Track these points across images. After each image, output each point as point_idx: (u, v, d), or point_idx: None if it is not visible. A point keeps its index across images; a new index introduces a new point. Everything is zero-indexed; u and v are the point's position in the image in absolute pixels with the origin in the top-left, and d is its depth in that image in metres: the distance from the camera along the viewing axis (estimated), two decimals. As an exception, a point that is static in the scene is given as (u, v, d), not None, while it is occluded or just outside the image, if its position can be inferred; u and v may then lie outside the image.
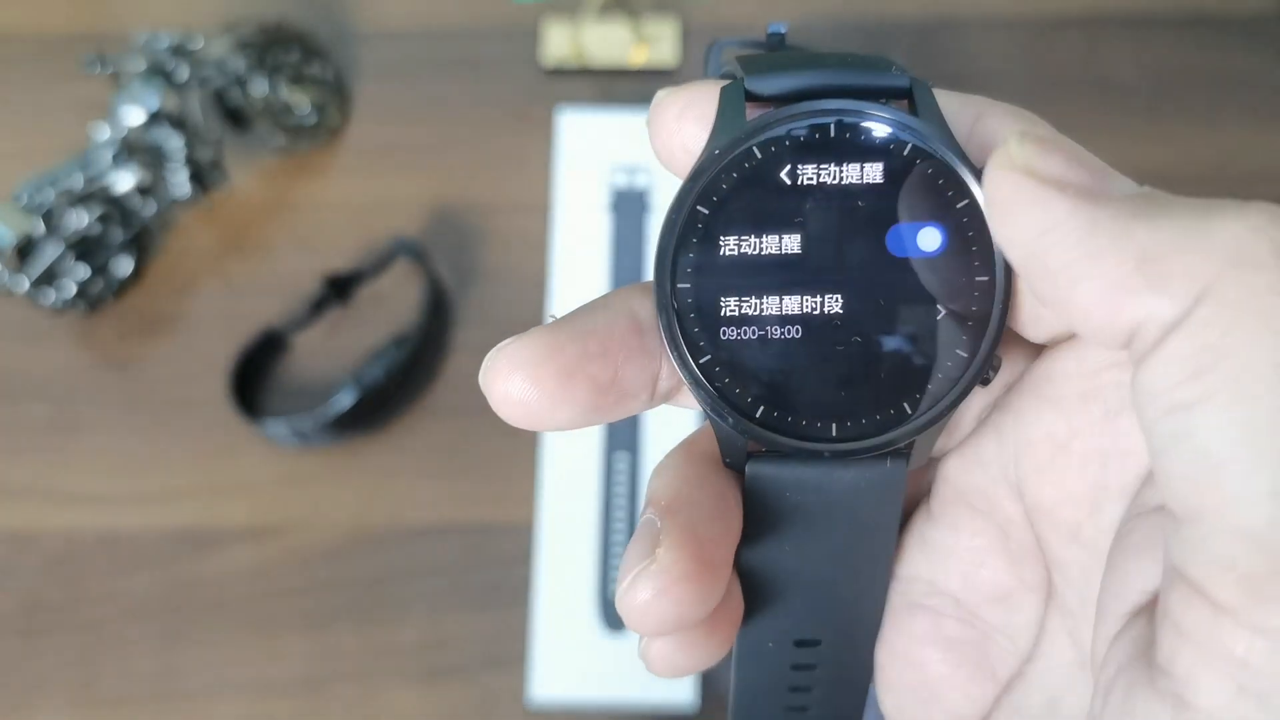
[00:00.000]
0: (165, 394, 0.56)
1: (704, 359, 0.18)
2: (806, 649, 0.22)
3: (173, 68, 0.55)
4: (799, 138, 0.18)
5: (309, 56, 0.59)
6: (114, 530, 0.53)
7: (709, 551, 0.18)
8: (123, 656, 0.51)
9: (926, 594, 0.21)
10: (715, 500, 0.19)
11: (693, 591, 0.18)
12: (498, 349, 0.18)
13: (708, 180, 0.18)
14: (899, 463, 0.19)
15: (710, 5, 0.62)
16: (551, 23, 0.61)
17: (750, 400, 0.18)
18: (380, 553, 0.52)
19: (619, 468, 0.52)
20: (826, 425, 0.19)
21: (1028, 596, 0.20)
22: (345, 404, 0.52)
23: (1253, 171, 0.58)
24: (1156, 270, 0.15)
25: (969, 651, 0.21)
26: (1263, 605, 0.14)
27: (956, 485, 0.21)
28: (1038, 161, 0.16)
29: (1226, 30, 0.60)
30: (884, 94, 0.18)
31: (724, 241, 0.18)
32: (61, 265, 0.54)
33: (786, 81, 0.18)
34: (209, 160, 0.57)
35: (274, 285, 0.57)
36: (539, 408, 0.18)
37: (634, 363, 0.19)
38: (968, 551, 0.20)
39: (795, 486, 0.19)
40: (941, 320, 0.18)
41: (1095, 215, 0.16)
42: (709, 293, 0.18)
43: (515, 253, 0.57)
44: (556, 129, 0.57)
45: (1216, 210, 0.15)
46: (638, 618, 0.18)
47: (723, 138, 0.18)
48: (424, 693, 0.50)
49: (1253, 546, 0.14)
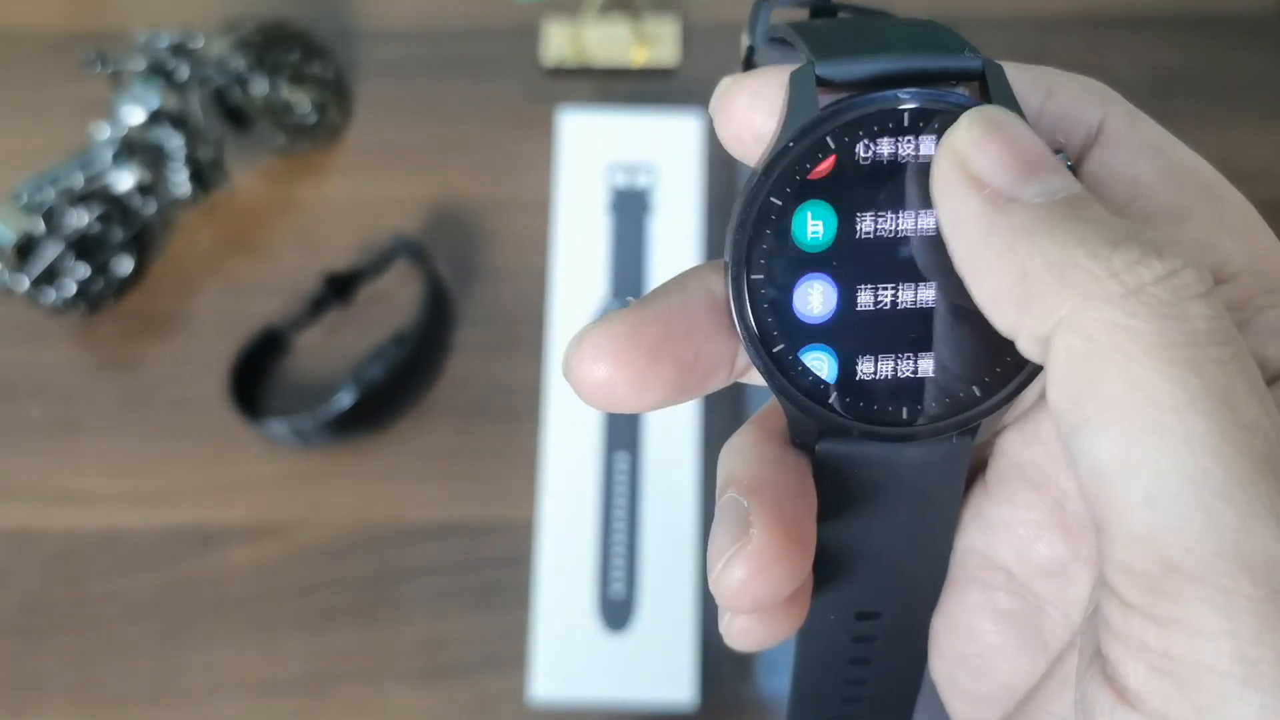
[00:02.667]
0: (165, 394, 0.56)
1: (777, 348, 0.18)
2: (867, 621, 0.22)
3: (173, 67, 0.55)
4: (874, 128, 0.18)
5: (309, 56, 0.59)
6: (114, 530, 0.53)
7: (796, 529, 0.19)
8: (123, 656, 0.51)
9: (981, 566, 0.21)
10: (794, 478, 0.19)
11: (786, 569, 0.18)
12: (580, 334, 0.18)
13: (782, 171, 0.18)
14: (964, 439, 0.19)
15: (711, 5, 0.62)
16: (552, 22, 0.61)
17: (822, 387, 0.19)
18: (380, 553, 0.52)
19: (619, 467, 0.52)
20: (898, 410, 0.19)
21: (1081, 571, 0.20)
22: (345, 404, 0.52)
23: (1253, 171, 0.58)
24: (1026, 290, 0.16)
25: (1021, 623, 0.21)
26: (1159, 599, 0.15)
27: (1014, 459, 0.21)
28: (973, 151, 0.17)
29: (1226, 30, 0.60)
30: (958, 76, 0.18)
31: (796, 231, 0.18)
32: (62, 264, 0.54)
33: (859, 68, 0.18)
34: (209, 159, 0.57)
35: (274, 285, 0.57)
36: (625, 390, 0.18)
37: (714, 341, 0.19)
38: (1022, 525, 0.21)
39: (863, 464, 0.20)
40: None
41: (995, 223, 0.17)
42: (781, 282, 0.18)
43: (515, 252, 0.57)
44: (557, 129, 0.57)
45: (1089, 244, 0.16)
46: (733, 598, 0.19)
47: (795, 127, 0.18)
48: (424, 693, 0.50)
49: (1142, 550, 0.15)
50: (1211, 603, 0.15)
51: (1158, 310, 0.15)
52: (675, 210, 0.56)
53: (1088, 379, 0.16)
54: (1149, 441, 0.15)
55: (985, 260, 0.17)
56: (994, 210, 0.17)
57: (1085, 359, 0.16)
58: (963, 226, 0.17)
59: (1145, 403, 0.15)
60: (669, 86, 0.60)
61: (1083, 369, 0.16)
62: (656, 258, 0.55)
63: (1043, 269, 0.16)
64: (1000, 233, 0.16)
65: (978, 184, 0.17)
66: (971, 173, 0.17)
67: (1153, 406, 0.15)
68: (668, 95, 0.60)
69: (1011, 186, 0.17)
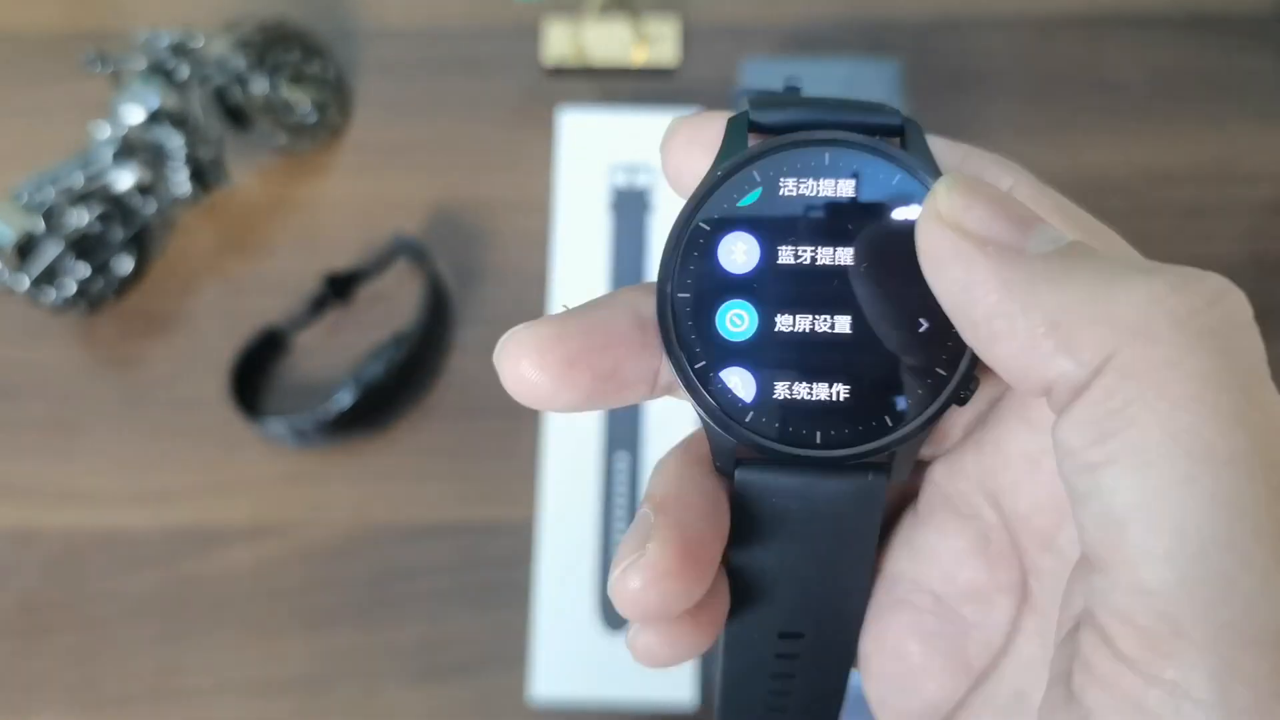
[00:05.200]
0: (165, 393, 0.56)
1: (699, 364, 0.20)
2: (790, 640, 0.23)
3: (173, 66, 0.55)
4: (795, 163, 0.19)
5: (310, 55, 0.59)
6: (114, 529, 0.53)
7: (695, 549, 0.19)
8: (123, 656, 0.51)
9: (910, 590, 0.22)
10: (706, 501, 0.20)
11: (678, 585, 0.19)
12: (510, 333, 0.19)
13: (709, 199, 0.20)
14: (879, 477, 0.20)
15: (711, 5, 0.62)
16: (552, 22, 0.61)
17: (740, 406, 0.20)
18: (380, 553, 0.52)
19: (619, 467, 0.52)
20: (811, 433, 0.20)
21: (1002, 597, 0.21)
22: (345, 403, 0.52)
23: (1253, 171, 0.58)
24: (1064, 336, 0.16)
25: (947, 645, 0.22)
26: (1159, 659, 0.15)
27: (942, 490, 0.22)
28: (962, 214, 0.17)
29: (1226, 30, 0.60)
30: (878, 130, 0.20)
31: (722, 256, 0.20)
32: (62, 264, 0.54)
33: (788, 115, 0.20)
34: (209, 159, 0.57)
35: (274, 284, 0.57)
36: (544, 390, 0.19)
37: (635, 357, 0.20)
38: (949, 552, 0.22)
39: (780, 494, 0.20)
40: (923, 338, 0.19)
41: (1010, 277, 0.17)
42: (706, 303, 0.20)
43: (516, 252, 0.57)
44: (557, 128, 0.57)
45: (1122, 278, 0.16)
46: (626, 605, 0.19)
47: (725, 160, 0.20)
48: (424, 692, 0.50)
49: (1150, 604, 0.15)
50: (1212, 673, 0.14)
51: (1210, 345, 0.15)
52: (675, 210, 0.55)
53: (1123, 420, 0.15)
54: (1177, 495, 0.15)
55: (1008, 316, 0.16)
56: (1006, 265, 0.17)
57: (1124, 399, 0.15)
58: (975, 289, 0.17)
59: (1182, 454, 0.15)
60: (669, 86, 0.60)
61: (1118, 409, 0.15)
62: (656, 257, 0.55)
63: (1079, 311, 0.16)
64: (1019, 286, 0.16)
65: (979, 243, 0.17)
66: (970, 234, 0.17)
67: (1188, 459, 0.15)
68: (668, 95, 0.60)
69: (1015, 239, 0.17)
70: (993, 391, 0.21)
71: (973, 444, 0.21)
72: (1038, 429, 0.20)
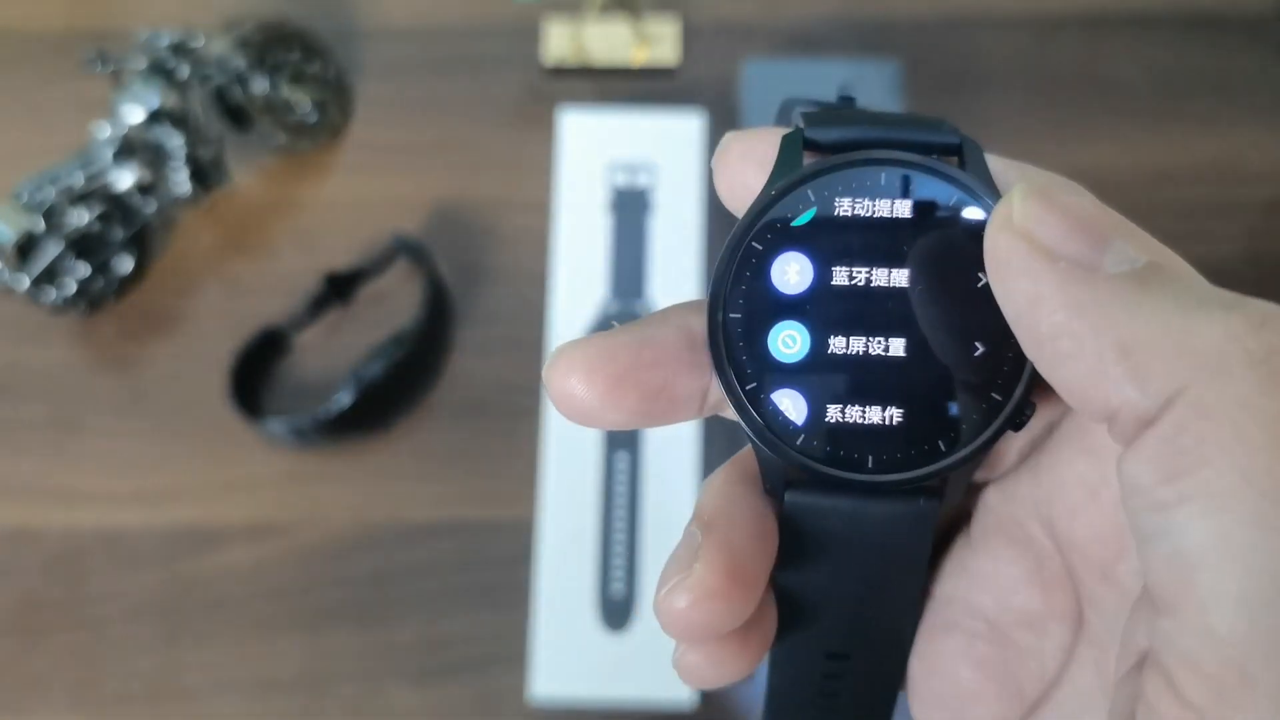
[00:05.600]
0: (165, 393, 0.56)
1: (750, 385, 0.19)
2: (837, 660, 0.22)
3: (173, 66, 0.55)
4: (850, 182, 0.19)
5: (310, 55, 0.59)
6: (114, 529, 0.53)
7: (742, 569, 0.19)
8: (123, 655, 0.51)
9: (962, 615, 0.22)
10: (754, 521, 0.20)
11: (724, 605, 0.19)
12: (560, 349, 0.19)
13: (763, 218, 0.19)
14: (932, 502, 0.20)
15: (711, 5, 0.62)
16: (553, 22, 0.61)
17: (791, 428, 0.19)
18: (380, 553, 0.52)
19: (619, 467, 0.52)
20: (863, 457, 0.19)
21: (1057, 625, 0.21)
22: (345, 403, 0.52)
23: (1253, 171, 0.58)
24: (1135, 364, 0.15)
25: (999, 671, 0.21)
26: (1228, 708, 0.14)
27: (996, 514, 0.21)
28: (1035, 225, 0.17)
29: (1226, 30, 0.60)
30: (936, 149, 0.19)
31: (774, 276, 0.19)
32: (62, 263, 0.54)
33: (843, 132, 0.19)
34: (210, 159, 0.57)
35: (274, 284, 0.57)
36: (592, 407, 0.19)
37: (685, 375, 0.20)
38: (1003, 578, 0.21)
39: (831, 516, 0.20)
40: (980, 363, 0.19)
41: (1081, 296, 0.16)
42: (758, 323, 0.19)
43: (516, 252, 0.57)
44: (557, 128, 0.57)
45: (1200, 310, 0.15)
46: (672, 624, 0.19)
47: (779, 179, 0.19)
48: (424, 692, 0.50)
49: (1220, 651, 0.15)
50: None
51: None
52: (675, 210, 0.56)
53: (1197, 458, 0.15)
54: (1251, 538, 0.14)
55: (1078, 337, 0.16)
56: (1077, 283, 0.16)
57: (1197, 438, 0.15)
58: (1042, 305, 0.16)
59: (1257, 495, 0.14)
60: (669, 86, 0.60)
61: (1191, 447, 0.15)
62: (656, 257, 0.55)
63: (1151, 340, 0.15)
64: (1091, 306, 0.16)
65: (1050, 258, 0.16)
66: (1041, 247, 0.16)
67: (1263, 501, 0.14)
68: (668, 95, 0.60)
69: (1089, 256, 0.16)
70: (1050, 415, 0.20)
71: (1029, 469, 0.21)
72: (1097, 457, 0.19)
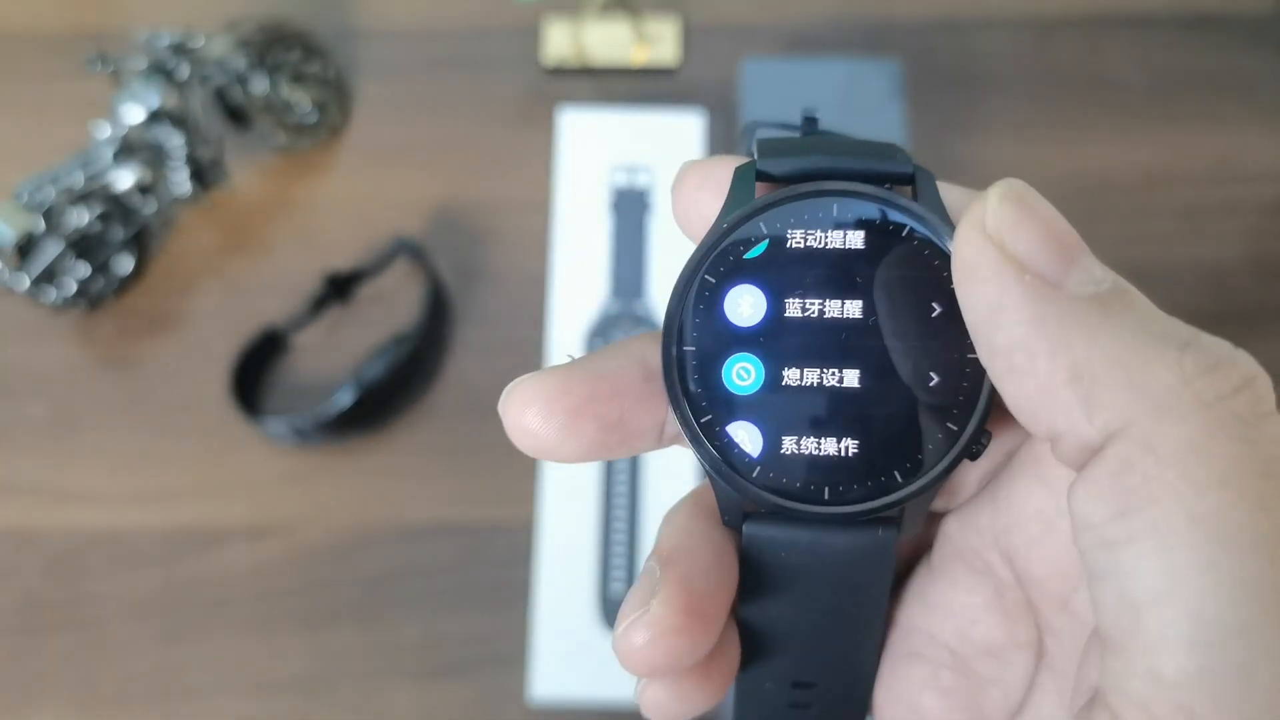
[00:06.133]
0: (165, 393, 0.56)
1: (705, 418, 0.19)
2: (803, 690, 0.22)
3: (173, 66, 0.55)
4: (802, 214, 0.19)
5: (310, 55, 0.59)
6: (114, 529, 0.53)
7: (701, 604, 0.19)
8: (123, 656, 0.51)
9: (924, 644, 0.22)
10: (713, 555, 0.20)
11: (683, 641, 0.19)
12: (515, 383, 0.19)
13: (715, 252, 0.19)
14: (889, 531, 0.20)
15: (711, 5, 0.62)
16: (552, 22, 0.61)
17: (747, 460, 0.19)
18: (380, 553, 0.52)
19: (619, 467, 0.52)
20: (820, 489, 0.19)
21: (1019, 653, 0.21)
22: (345, 403, 0.52)
23: (1253, 172, 0.58)
24: (1084, 391, 0.15)
25: (963, 700, 0.21)
26: None
27: (956, 543, 0.21)
28: (1008, 232, 0.16)
29: (1226, 30, 0.60)
30: (889, 179, 0.19)
31: (728, 309, 0.19)
32: (62, 263, 0.54)
33: (796, 163, 0.19)
34: (210, 158, 0.57)
35: (274, 284, 0.57)
36: (548, 440, 0.19)
37: (642, 407, 0.20)
38: (964, 607, 0.21)
39: (789, 548, 0.20)
40: (934, 393, 0.19)
41: (1042, 312, 0.16)
42: (713, 356, 0.19)
43: (516, 252, 0.57)
44: (557, 128, 0.57)
45: (1155, 344, 0.15)
46: (631, 661, 0.19)
47: (731, 212, 0.19)
48: (424, 692, 0.50)
49: (1167, 695, 0.14)
50: None
51: (1235, 431, 0.15)
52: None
53: (1144, 497, 0.15)
54: (1200, 581, 0.14)
55: (1033, 354, 0.16)
56: (1040, 300, 0.16)
57: (1145, 476, 0.15)
58: (1004, 315, 0.16)
59: (1205, 539, 0.14)
60: (669, 86, 0.60)
61: (1139, 485, 0.15)
62: (656, 257, 0.55)
63: (1104, 369, 0.15)
64: (1051, 325, 0.16)
65: (1018, 269, 0.16)
66: (1011, 256, 0.16)
67: (1210, 543, 0.14)
68: (668, 95, 0.60)
69: (1055, 272, 0.16)
70: (1009, 444, 0.20)
71: (987, 498, 0.21)
72: (1053, 489, 0.19)
